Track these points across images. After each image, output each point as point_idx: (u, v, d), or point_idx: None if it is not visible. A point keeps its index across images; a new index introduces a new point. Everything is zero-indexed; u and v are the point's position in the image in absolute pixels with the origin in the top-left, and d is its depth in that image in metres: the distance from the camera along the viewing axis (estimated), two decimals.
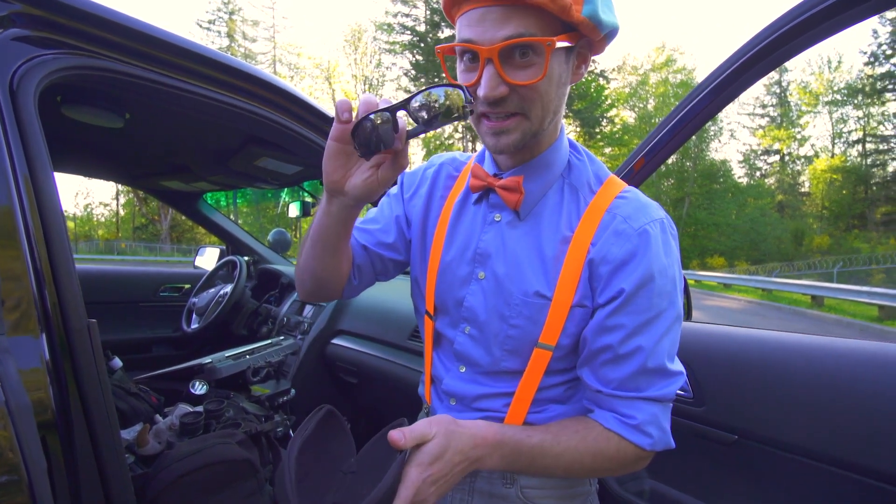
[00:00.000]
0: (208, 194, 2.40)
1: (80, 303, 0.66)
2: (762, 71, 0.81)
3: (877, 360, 0.66)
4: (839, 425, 0.67)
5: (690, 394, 0.86)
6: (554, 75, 0.54)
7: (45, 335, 0.59)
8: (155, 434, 0.98)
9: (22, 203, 0.62)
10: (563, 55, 0.55)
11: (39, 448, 0.52)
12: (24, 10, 0.70)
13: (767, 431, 0.75)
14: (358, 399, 1.87)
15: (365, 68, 39.52)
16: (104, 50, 0.78)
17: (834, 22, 0.68)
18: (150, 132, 1.40)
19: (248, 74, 0.98)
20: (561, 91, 0.58)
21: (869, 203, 33.13)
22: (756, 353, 0.79)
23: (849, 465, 0.66)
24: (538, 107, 0.55)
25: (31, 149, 0.66)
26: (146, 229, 35.84)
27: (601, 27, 0.53)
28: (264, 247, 2.58)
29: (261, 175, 1.73)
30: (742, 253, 29.89)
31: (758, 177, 39.91)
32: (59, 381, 0.60)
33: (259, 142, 1.33)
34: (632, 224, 0.57)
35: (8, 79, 0.67)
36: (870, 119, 33.89)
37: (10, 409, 0.50)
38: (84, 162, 1.78)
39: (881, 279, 14.23)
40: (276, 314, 2.10)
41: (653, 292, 0.55)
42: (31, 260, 0.60)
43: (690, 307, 1.31)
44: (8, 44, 0.68)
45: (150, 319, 2.34)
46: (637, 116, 35.87)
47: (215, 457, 0.87)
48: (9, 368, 0.52)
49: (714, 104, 0.87)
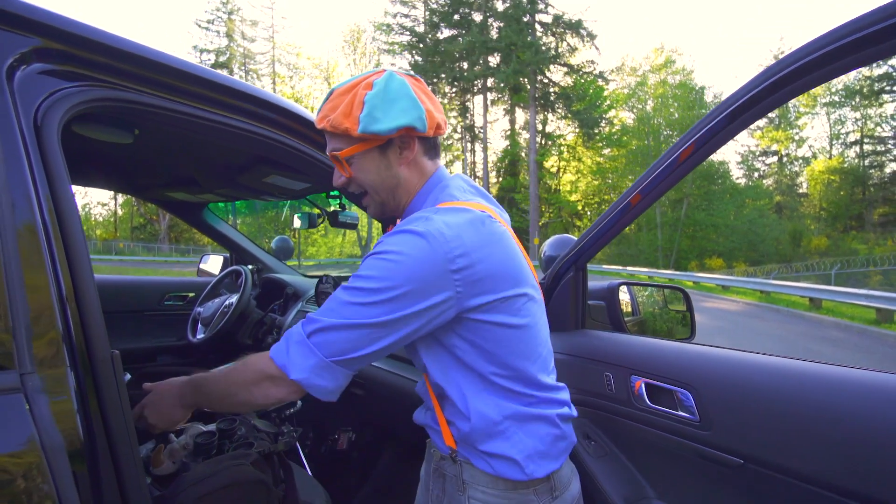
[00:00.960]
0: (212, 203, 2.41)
1: (105, 334, 0.67)
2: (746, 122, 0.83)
3: (882, 393, 0.68)
4: (841, 454, 0.69)
5: (697, 417, 0.88)
6: (371, 167, 0.77)
7: (72, 369, 0.60)
8: (169, 454, 0.99)
9: (48, 234, 0.63)
10: (376, 152, 0.76)
11: (73, 484, 0.54)
12: (44, 45, 0.72)
13: (772, 457, 0.77)
14: (364, 410, 1.88)
15: (364, 68, 39.45)
16: (125, 81, 0.80)
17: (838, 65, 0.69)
18: (159, 148, 1.42)
19: (263, 100, 0.99)
20: (385, 174, 0.78)
21: (867, 204, 33.24)
22: (762, 380, 0.81)
23: (848, 492, 0.68)
24: (368, 187, 0.79)
25: (56, 183, 0.68)
26: (144, 229, 35.78)
27: (381, 133, 0.72)
28: (268, 255, 2.59)
29: (268, 190, 1.74)
30: (740, 254, 29.95)
31: (756, 178, 40.00)
32: (84, 412, 0.61)
33: (269, 161, 1.34)
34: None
35: (33, 113, 0.69)
36: (867, 120, 34.01)
37: (45, 448, 0.52)
38: (91, 175, 1.79)
39: (879, 281, 14.30)
40: (282, 324, 2.12)
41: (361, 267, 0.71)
42: (58, 294, 0.62)
43: (694, 325, 1.33)
44: (33, 78, 0.70)
45: (154, 328, 2.35)
46: (636, 118, 35.89)
47: (231, 478, 0.88)
48: (42, 407, 0.53)
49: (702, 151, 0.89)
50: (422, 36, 34.93)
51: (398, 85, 0.74)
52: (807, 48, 0.72)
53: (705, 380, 0.89)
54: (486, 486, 0.76)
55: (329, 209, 1.80)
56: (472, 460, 0.77)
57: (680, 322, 1.49)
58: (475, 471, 0.77)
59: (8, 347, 0.53)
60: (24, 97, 0.67)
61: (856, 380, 0.72)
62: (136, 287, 2.40)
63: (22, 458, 0.51)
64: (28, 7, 0.69)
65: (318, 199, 1.93)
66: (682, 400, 0.92)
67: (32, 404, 0.53)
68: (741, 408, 0.82)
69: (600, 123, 33.46)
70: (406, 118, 0.72)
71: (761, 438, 0.79)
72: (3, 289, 0.54)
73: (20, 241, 0.58)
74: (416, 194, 0.81)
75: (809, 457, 0.73)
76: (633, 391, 1.02)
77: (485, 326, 0.72)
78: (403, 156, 0.78)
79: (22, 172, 0.62)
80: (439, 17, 34.34)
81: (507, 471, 0.74)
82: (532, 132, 34.14)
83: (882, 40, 0.64)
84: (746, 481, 0.81)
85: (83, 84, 0.74)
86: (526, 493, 0.75)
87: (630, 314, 1.49)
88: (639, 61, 38.83)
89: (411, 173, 0.80)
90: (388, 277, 0.66)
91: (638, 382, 1.02)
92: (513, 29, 31.26)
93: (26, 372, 0.54)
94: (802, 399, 0.75)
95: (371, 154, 0.76)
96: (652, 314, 1.64)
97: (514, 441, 0.74)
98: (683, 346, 1.01)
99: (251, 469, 0.93)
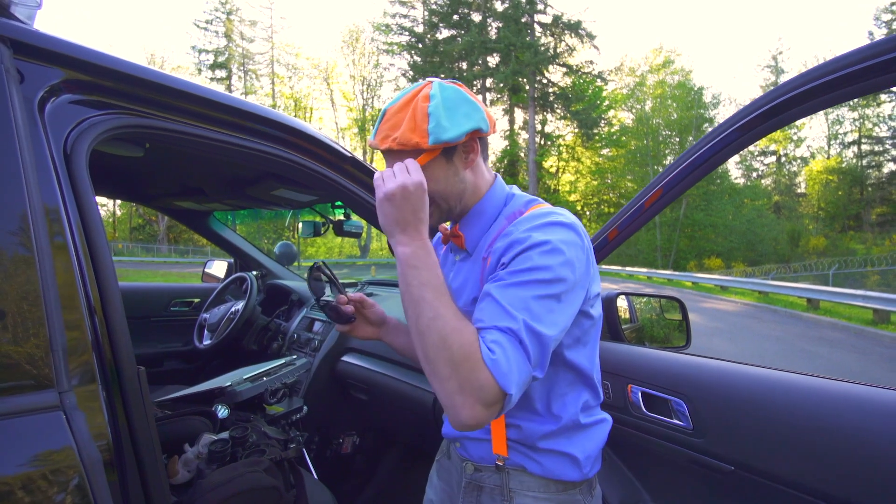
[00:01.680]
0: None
1: (131, 351, 0.71)
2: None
3: (865, 405, 0.72)
4: (826, 461, 0.73)
5: (690, 425, 0.93)
6: (440, 177, 0.76)
7: (103, 387, 0.64)
8: (184, 463, 1.03)
9: (79, 259, 0.67)
10: (443, 160, 0.76)
11: (108, 494, 0.58)
12: (72, 77, 0.76)
13: (761, 464, 0.81)
14: (368, 415, 1.92)
15: (363, 69, 39.56)
16: (147, 108, 0.84)
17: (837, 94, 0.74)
18: (169, 162, 1.46)
19: (275, 121, 1.03)
20: (454, 180, 0.78)
21: (864, 204, 33.36)
22: (752, 390, 0.85)
23: (833, 498, 0.72)
24: (438, 198, 0.78)
25: (85, 207, 0.71)
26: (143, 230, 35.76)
27: (452, 141, 0.72)
28: (272, 261, 2.63)
29: (275, 201, 1.78)
30: (739, 254, 30.04)
31: (754, 178, 40.12)
32: (114, 425, 0.65)
33: (277, 176, 1.38)
34: (519, 228, 0.71)
35: (62, 141, 0.73)
36: (865, 121, 34.14)
37: (84, 461, 0.56)
38: (100, 185, 1.83)
39: (876, 281, 14.37)
40: (286, 330, 2.16)
41: (520, 262, 0.66)
42: (89, 314, 0.66)
43: (689, 334, 1.37)
44: (63, 108, 0.74)
45: (161, 334, 2.39)
46: (635, 118, 35.98)
47: (246, 485, 0.93)
48: (79, 423, 0.57)
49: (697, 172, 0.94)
50: (421, 36, 34.96)
51: (453, 92, 0.74)
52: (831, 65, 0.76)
53: (699, 389, 0.93)
54: (538, 491, 0.77)
55: (334, 218, 1.85)
56: (526, 465, 0.77)
57: (676, 329, 1.53)
58: (525, 476, 0.77)
59: (48, 367, 0.57)
60: (55, 127, 0.71)
61: (841, 392, 0.76)
62: (144, 293, 2.44)
63: (65, 471, 0.55)
64: (57, 42, 0.73)
65: (323, 208, 1.97)
66: (677, 408, 0.96)
67: (71, 421, 0.57)
68: (733, 417, 0.86)
69: (599, 124, 33.51)
70: (471, 122, 0.74)
71: (751, 446, 0.83)
72: (42, 308, 0.58)
73: (55, 262, 0.61)
74: (482, 196, 0.82)
75: (797, 464, 0.77)
76: (630, 399, 1.06)
77: (586, 320, 0.75)
78: (469, 159, 0.79)
79: (55, 199, 0.66)
80: (438, 18, 34.37)
81: (564, 471, 0.76)
82: (531, 132, 34.20)
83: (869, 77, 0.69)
84: (737, 487, 0.86)
85: (109, 112, 0.78)
86: (574, 493, 0.78)
87: (628, 321, 1.53)
88: (637, 61, 38.99)
89: (475, 176, 0.81)
90: (562, 267, 0.65)
91: (634, 391, 1.06)
92: (512, 29, 31.30)
93: (64, 390, 0.58)
94: (790, 409, 0.79)
95: (439, 163, 0.76)
96: (650, 321, 1.68)
97: (578, 440, 0.77)
98: (678, 356, 1.06)
99: (265, 476, 0.97)
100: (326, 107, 41.89)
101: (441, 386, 0.60)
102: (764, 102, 0.86)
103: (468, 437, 0.83)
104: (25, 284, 0.58)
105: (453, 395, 0.59)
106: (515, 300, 0.63)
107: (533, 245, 0.66)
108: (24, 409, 0.54)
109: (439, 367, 0.60)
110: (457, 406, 0.59)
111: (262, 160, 1.04)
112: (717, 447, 0.88)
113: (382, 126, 0.75)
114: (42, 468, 0.54)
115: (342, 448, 1.92)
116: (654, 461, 1.04)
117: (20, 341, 0.56)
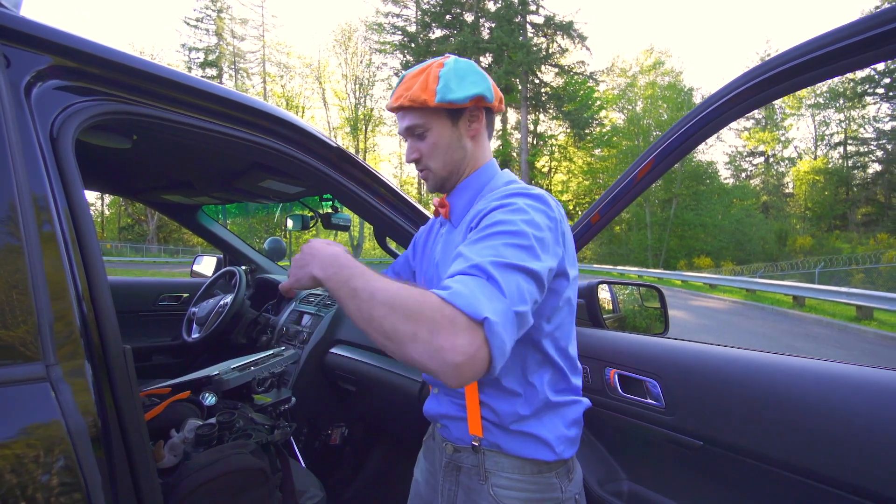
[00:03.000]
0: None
1: (117, 330, 0.73)
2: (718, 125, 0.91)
3: (823, 378, 0.76)
4: (788, 434, 0.77)
5: (663, 404, 0.96)
6: (443, 139, 0.83)
7: (89, 362, 0.66)
8: (170, 448, 1.04)
9: (65, 239, 0.69)
10: (448, 124, 0.82)
11: (95, 465, 0.59)
12: (59, 63, 0.77)
13: (728, 438, 0.85)
14: (356, 406, 1.94)
15: (355, 68, 39.41)
16: (133, 95, 0.85)
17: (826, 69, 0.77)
18: (156, 153, 1.47)
19: (263, 111, 1.05)
20: (455, 145, 0.84)
21: (850, 204, 33.93)
22: (719, 368, 0.89)
23: (796, 468, 0.76)
24: (438, 161, 0.84)
25: (72, 190, 0.73)
26: (132, 229, 35.32)
27: (457, 102, 0.78)
28: (261, 256, 2.64)
29: (263, 193, 1.80)
30: (728, 253, 30.41)
31: (743, 178, 40.66)
32: (101, 403, 0.67)
33: (264, 166, 1.40)
34: (488, 198, 0.76)
35: (49, 126, 0.74)
36: (851, 122, 34.69)
37: (70, 432, 0.58)
38: (88, 178, 1.83)
39: (861, 279, 14.64)
40: (275, 323, 2.17)
41: (485, 221, 0.69)
42: (76, 293, 0.67)
43: (667, 321, 1.41)
44: (50, 93, 0.75)
45: (149, 328, 2.39)
46: (626, 118, 36.26)
47: (232, 466, 0.94)
48: (65, 395, 0.59)
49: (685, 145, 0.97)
50: (413, 36, 34.93)
51: (466, 64, 0.82)
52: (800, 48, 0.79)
53: (671, 369, 0.97)
54: (512, 472, 0.77)
55: (322, 211, 1.86)
56: (502, 445, 0.78)
57: (657, 318, 1.58)
58: (500, 457, 0.78)
59: (35, 341, 0.59)
60: (42, 111, 0.73)
61: (800, 367, 0.80)
62: (132, 287, 2.43)
63: (53, 444, 0.56)
64: (43, 28, 0.75)
65: (311, 202, 1.98)
66: (651, 388, 1.00)
67: (58, 392, 0.58)
68: (701, 394, 0.90)
69: (591, 124, 33.74)
70: (477, 88, 0.80)
71: (718, 421, 0.87)
72: (30, 289, 0.60)
73: (43, 246, 0.63)
74: (478, 168, 0.87)
75: (761, 437, 0.81)
76: (608, 382, 1.10)
77: (559, 299, 0.75)
78: (472, 128, 0.84)
79: (41, 181, 0.67)
80: (431, 18, 34.37)
81: (536, 451, 0.76)
82: (523, 132, 34.35)
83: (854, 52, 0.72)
84: (706, 461, 0.89)
85: (94, 98, 0.80)
86: (549, 475, 0.78)
87: (611, 311, 1.57)
88: (629, 63, 39.25)
89: (475, 147, 0.86)
90: (526, 224, 0.65)
91: (612, 373, 1.09)
92: (504, 30, 31.40)
93: (50, 363, 0.60)
94: (754, 385, 0.83)
95: (444, 125, 0.82)
96: (632, 311, 1.72)
97: (549, 421, 0.77)
98: (655, 339, 1.09)
99: (251, 457, 0.99)
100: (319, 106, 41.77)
101: (414, 347, 0.53)
102: (754, 76, 0.87)
103: (448, 416, 0.84)
104: (13, 265, 0.60)
105: (427, 345, 0.52)
106: (482, 250, 0.62)
107: (497, 207, 0.70)
108: (10, 380, 0.56)
109: (399, 330, 0.54)
110: (436, 352, 0.52)
111: (248, 149, 1.06)
112: (686, 423, 0.91)
113: (399, 87, 0.82)
114: (30, 439, 0.56)
115: (331, 439, 1.94)
116: (630, 440, 1.07)
117: (6, 316, 0.58)
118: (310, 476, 1.23)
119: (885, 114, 32.34)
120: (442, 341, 0.52)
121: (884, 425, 0.66)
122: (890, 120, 32.10)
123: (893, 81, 29.96)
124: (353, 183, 1.24)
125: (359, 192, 1.26)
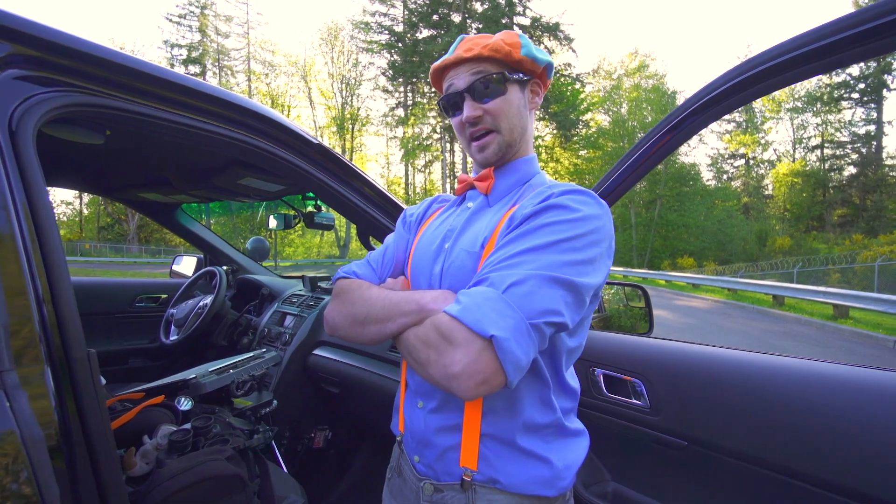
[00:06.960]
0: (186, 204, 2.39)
1: (81, 333, 0.69)
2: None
3: (803, 378, 0.76)
4: (770, 434, 0.77)
5: (648, 404, 0.96)
6: (513, 103, 0.75)
7: (49, 367, 0.62)
8: (142, 455, 1.00)
9: (24, 237, 0.65)
10: (518, 89, 0.76)
11: (53, 477, 0.56)
12: (18, 51, 0.73)
13: (711, 437, 0.85)
14: (339, 408, 1.91)
15: (342, 67, 39.13)
16: (99, 87, 0.81)
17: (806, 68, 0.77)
18: (130, 149, 1.41)
19: (238, 105, 1.02)
20: (523, 112, 0.77)
21: (827, 206, 34.85)
22: (703, 368, 0.89)
23: (776, 467, 0.76)
24: (507, 122, 0.75)
25: (32, 185, 0.69)
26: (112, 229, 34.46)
27: (538, 62, 0.75)
28: (243, 256, 2.58)
29: (243, 191, 1.75)
30: (710, 253, 31.00)
31: (725, 180, 41.46)
32: (62, 410, 0.63)
33: (243, 163, 1.36)
34: (549, 190, 0.68)
35: (7, 118, 0.70)
36: (828, 126, 35.66)
37: (25, 442, 0.54)
38: (60, 175, 1.76)
39: (837, 278, 15.04)
40: (257, 325, 2.12)
41: (546, 219, 0.63)
42: (35, 294, 0.63)
43: (652, 321, 1.41)
44: (8, 83, 0.71)
45: (126, 331, 2.31)
46: (611, 120, 36.70)
47: (206, 473, 0.91)
48: (21, 403, 0.56)
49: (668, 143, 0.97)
50: (401, 35, 34.80)
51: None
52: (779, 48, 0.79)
53: (656, 369, 0.96)
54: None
55: (305, 210, 1.83)
56: (499, 477, 0.67)
57: (641, 318, 1.58)
58: (496, 494, 0.67)
59: None
60: None
61: (783, 366, 0.80)
62: (107, 288, 2.35)
63: (4, 453, 0.53)
64: (1, 14, 0.70)
65: (294, 201, 1.94)
66: (636, 388, 0.99)
67: (12, 400, 0.55)
68: (686, 393, 0.90)
69: (577, 125, 34.05)
70: (548, 58, 0.78)
71: (702, 421, 0.86)
72: None
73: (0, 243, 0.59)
74: (527, 155, 0.80)
75: (745, 437, 0.80)
76: (594, 382, 1.09)
77: (586, 314, 0.69)
78: (534, 102, 0.80)
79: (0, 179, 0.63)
80: (418, 17, 34.28)
81: (540, 486, 0.67)
82: None
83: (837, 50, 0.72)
84: (691, 462, 0.89)
85: (58, 89, 0.76)
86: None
87: (596, 311, 1.57)
88: (614, 65, 39.68)
89: (529, 125, 0.81)
90: (590, 236, 0.62)
91: (597, 373, 1.09)
92: (491, 30, 31.46)
93: (4, 369, 0.56)
94: (738, 384, 0.83)
95: (515, 89, 0.75)
96: (617, 311, 1.72)
97: (558, 446, 0.69)
98: (640, 339, 1.09)
99: (226, 464, 0.95)
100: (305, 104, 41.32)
101: (433, 370, 0.58)
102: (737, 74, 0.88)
103: (430, 446, 0.72)
104: None
105: (438, 365, 0.57)
106: (527, 256, 0.59)
107: (556, 206, 0.64)
108: None
109: (420, 357, 0.61)
110: (445, 368, 0.56)
111: (225, 145, 1.02)
112: (671, 423, 0.91)
113: (465, 43, 0.76)
114: None
115: (314, 443, 1.90)
116: (615, 441, 1.07)
117: None
118: (291, 481, 1.19)
119: (860, 118, 33.40)
120: (446, 359, 0.56)
121: (864, 423, 0.66)
122: (864, 124, 33.14)
123: (868, 87, 30.91)
124: (334, 181, 1.21)
125: (341, 190, 1.23)
